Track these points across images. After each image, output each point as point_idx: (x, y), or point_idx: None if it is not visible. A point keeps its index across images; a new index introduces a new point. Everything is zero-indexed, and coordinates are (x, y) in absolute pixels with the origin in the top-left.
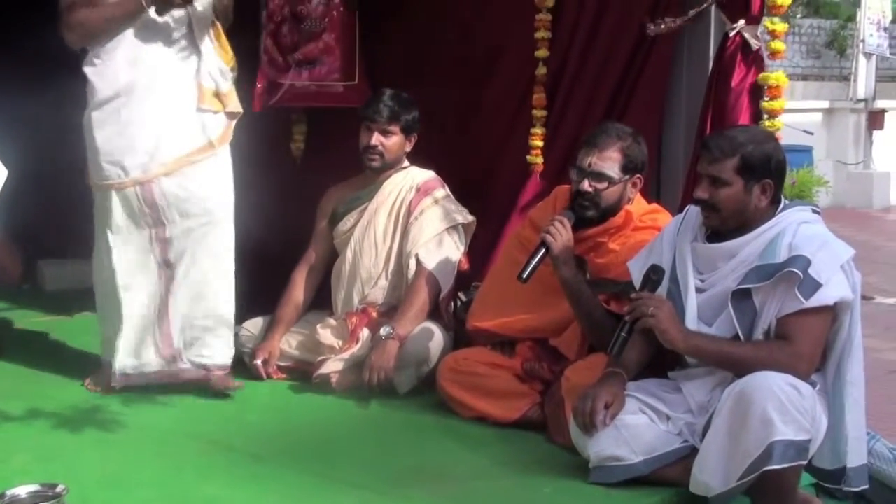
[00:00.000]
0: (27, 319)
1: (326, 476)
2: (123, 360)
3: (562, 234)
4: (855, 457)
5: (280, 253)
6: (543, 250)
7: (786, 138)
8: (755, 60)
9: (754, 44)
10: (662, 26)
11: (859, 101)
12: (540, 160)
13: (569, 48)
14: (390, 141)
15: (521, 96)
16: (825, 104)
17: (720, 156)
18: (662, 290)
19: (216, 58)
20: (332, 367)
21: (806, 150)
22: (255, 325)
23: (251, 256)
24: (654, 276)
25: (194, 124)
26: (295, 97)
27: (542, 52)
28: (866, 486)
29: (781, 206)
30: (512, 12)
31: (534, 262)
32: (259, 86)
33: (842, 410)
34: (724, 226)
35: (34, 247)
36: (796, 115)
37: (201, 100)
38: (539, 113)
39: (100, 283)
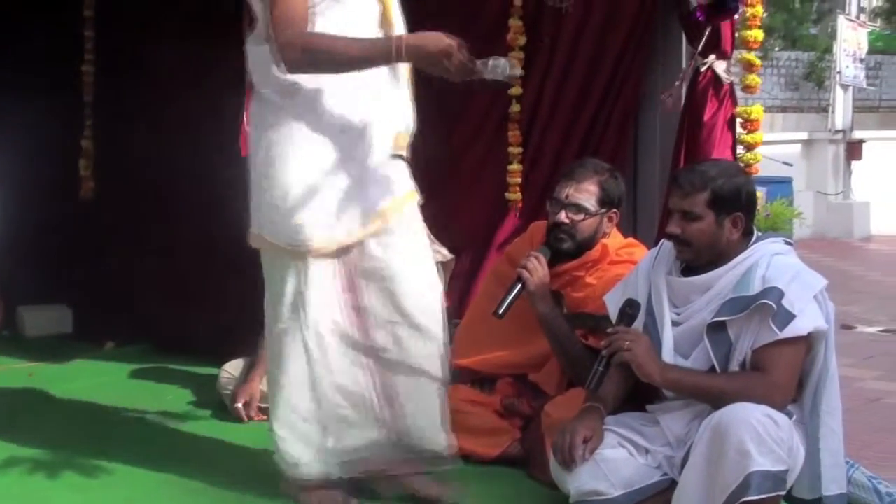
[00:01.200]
0: (6, 367)
1: None
2: None
3: (538, 269)
4: (833, 485)
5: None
6: (519, 286)
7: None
8: (728, 95)
9: (725, 78)
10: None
11: (838, 132)
12: (518, 196)
13: (542, 86)
14: None
15: (494, 133)
16: (804, 136)
17: (691, 190)
18: (639, 324)
19: None
20: None
21: (786, 182)
22: (235, 366)
23: (226, 297)
24: (629, 310)
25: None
26: None
27: (515, 90)
28: None
29: (754, 238)
30: (485, 51)
31: (510, 298)
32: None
33: (819, 440)
34: (697, 260)
35: (14, 292)
36: (776, 146)
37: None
38: (515, 150)
39: None
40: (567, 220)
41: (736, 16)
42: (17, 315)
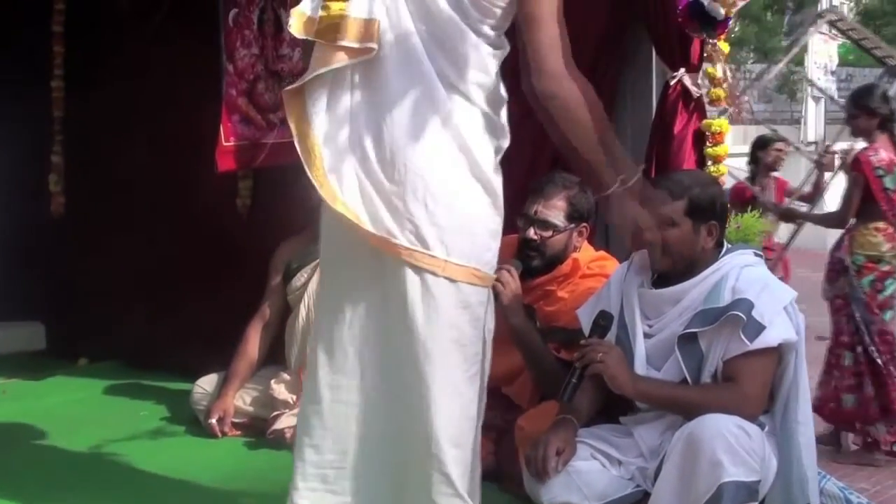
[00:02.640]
0: None
1: None
2: None
3: (510, 283)
4: (805, 496)
5: (227, 310)
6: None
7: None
8: (697, 107)
9: (694, 91)
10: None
11: (810, 143)
12: None
13: (511, 96)
14: None
15: None
16: None
17: (670, 198)
18: (611, 336)
19: None
20: (287, 422)
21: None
22: (209, 381)
23: (198, 313)
24: (602, 321)
25: None
26: (274, 156)
27: None
28: None
29: (724, 249)
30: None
31: None
32: (227, 144)
33: (791, 450)
34: (673, 267)
35: None
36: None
37: None
38: None
39: None
40: (536, 237)
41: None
42: None
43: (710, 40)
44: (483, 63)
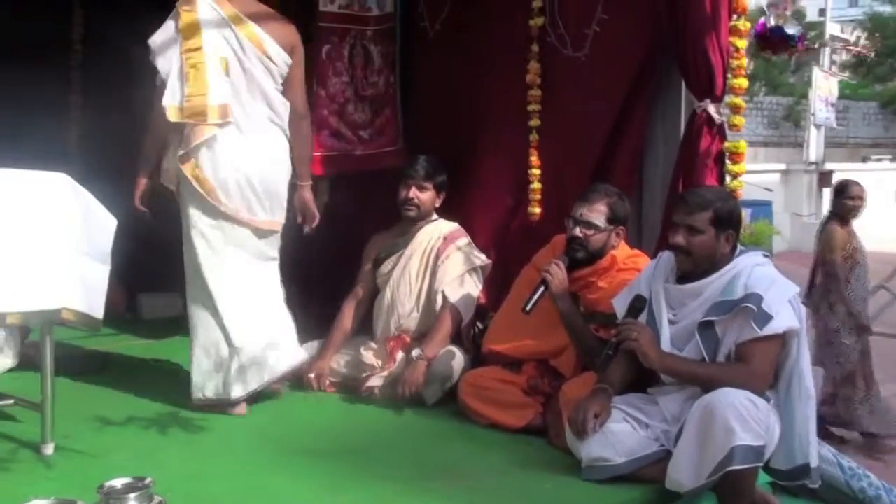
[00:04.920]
0: (128, 343)
1: (368, 470)
2: None
3: (558, 274)
4: (804, 458)
5: (326, 288)
6: (543, 287)
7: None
8: (719, 131)
9: (717, 118)
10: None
11: (811, 163)
12: (538, 211)
13: (558, 119)
14: (425, 195)
15: (518, 159)
16: (783, 166)
17: (697, 209)
18: (642, 321)
19: None
20: (374, 382)
21: (767, 205)
22: (311, 347)
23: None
24: (637, 304)
25: None
26: (359, 163)
27: (534, 122)
28: (817, 485)
29: (738, 251)
30: (506, 87)
31: (535, 298)
32: (317, 154)
33: (793, 420)
34: (695, 268)
35: (135, 282)
36: (759, 175)
37: None
38: (535, 171)
39: None
40: (581, 235)
41: (803, 48)
42: (137, 300)
43: (789, 53)
44: (284, 104)
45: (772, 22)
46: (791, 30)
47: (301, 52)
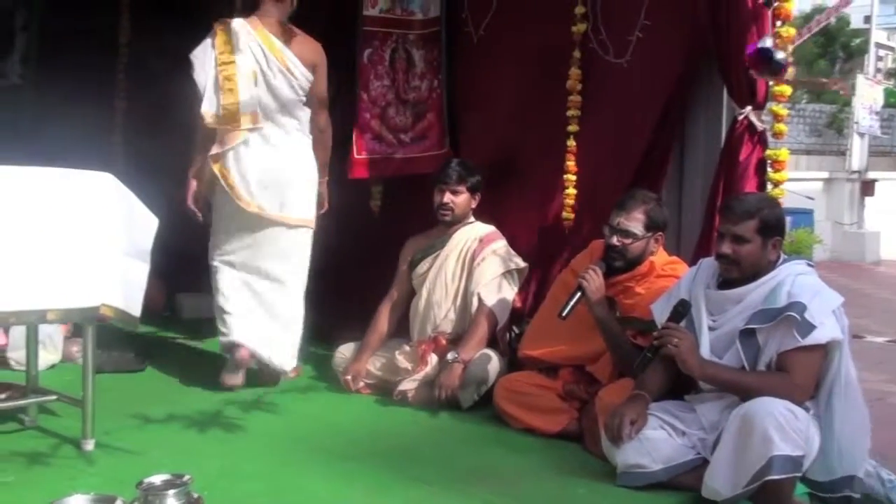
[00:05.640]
0: (167, 341)
1: (402, 473)
2: None
3: (595, 280)
4: (842, 470)
5: (364, 291)
6: (580, 293)
7: (792, 203)
8: (760, 139)
9: (759, 125)
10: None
11: (854, 172)
12: (572, 216)
13: (597, 126)
14: (459, 199)
15: (554, 165)
16: (825, 175)
17: (743, 217)
18: (682, 327)
19: None
20: (409, 385)
21: (808, 213)
22: (347, 349)
23: (341, 293)
24: (681, 308)
25: None
26: (401, 167)
27: (573, 127)
28: (859, 495)
29: (781, 259)
30: (548, 93)
31: (571, 303)
32: (360, 157)
33: (832, 432)
34: (741, 276)
35: (174, 282)
36: (801, 183)
37: None
38: (571, 177)
39: None
40: (618, 244)
41: (782, 74)
42: (176, 300)
43: (772, 81)
44: (306, 112)
45: (767, 44)
46: (779, 55)
47: (322, 70)
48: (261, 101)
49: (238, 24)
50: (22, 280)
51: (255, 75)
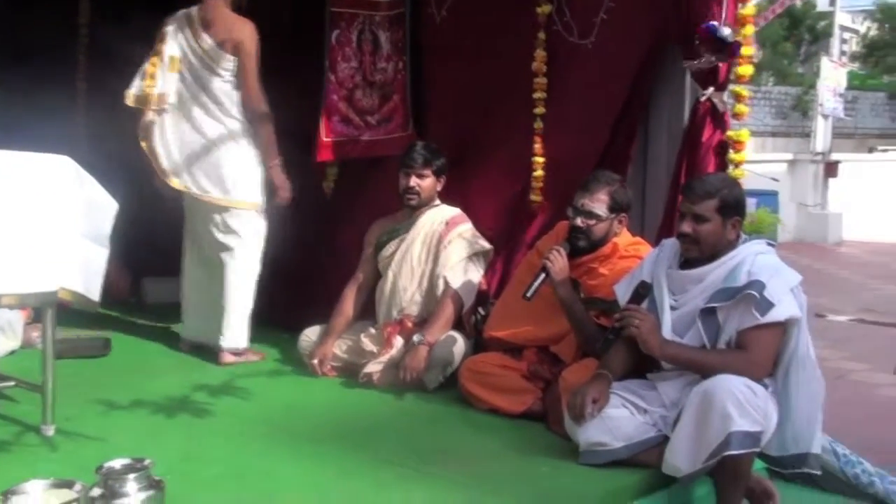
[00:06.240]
0: (133, 326)
1: (369, 454)
2: None
3: (559, 261)
4: (798, 446)
5: (317, 273)
6: (544, 274)
7: (757, 184)
8: (722, 120)
9: (721, 107)
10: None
11: (818, 153)
12: (541, 198)
13: (562, 107)
14: (425, 183)
15: (520, 146)
16: (789, 156)
17: (703, 197)
18: (644, 307)
19: None
20: (374, 367)
21: (773, 194)
22: (313, 332)
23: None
24: (642, 290)
25: None
26: (367, 149)
27: (539, 110)
28: (818, 472)
29: (742, 239)
30: (512, 75)
31: (536, 284)
32: (327, 139)
33: (789, 408)
34: (701, 256)
35: (138, 266)
36: (765, 164)
37: None
38: (538, 159)
39: None
40: (582, 225)
41: (734, 58)
42: (141, 285)
43: (720, 63)
44: (230, 94)
45: (715, 24)
46: (723, 31)
47: (249, 48)
48: (182, 85)
49: (181, 14)
50: None
51: (174, 61)
